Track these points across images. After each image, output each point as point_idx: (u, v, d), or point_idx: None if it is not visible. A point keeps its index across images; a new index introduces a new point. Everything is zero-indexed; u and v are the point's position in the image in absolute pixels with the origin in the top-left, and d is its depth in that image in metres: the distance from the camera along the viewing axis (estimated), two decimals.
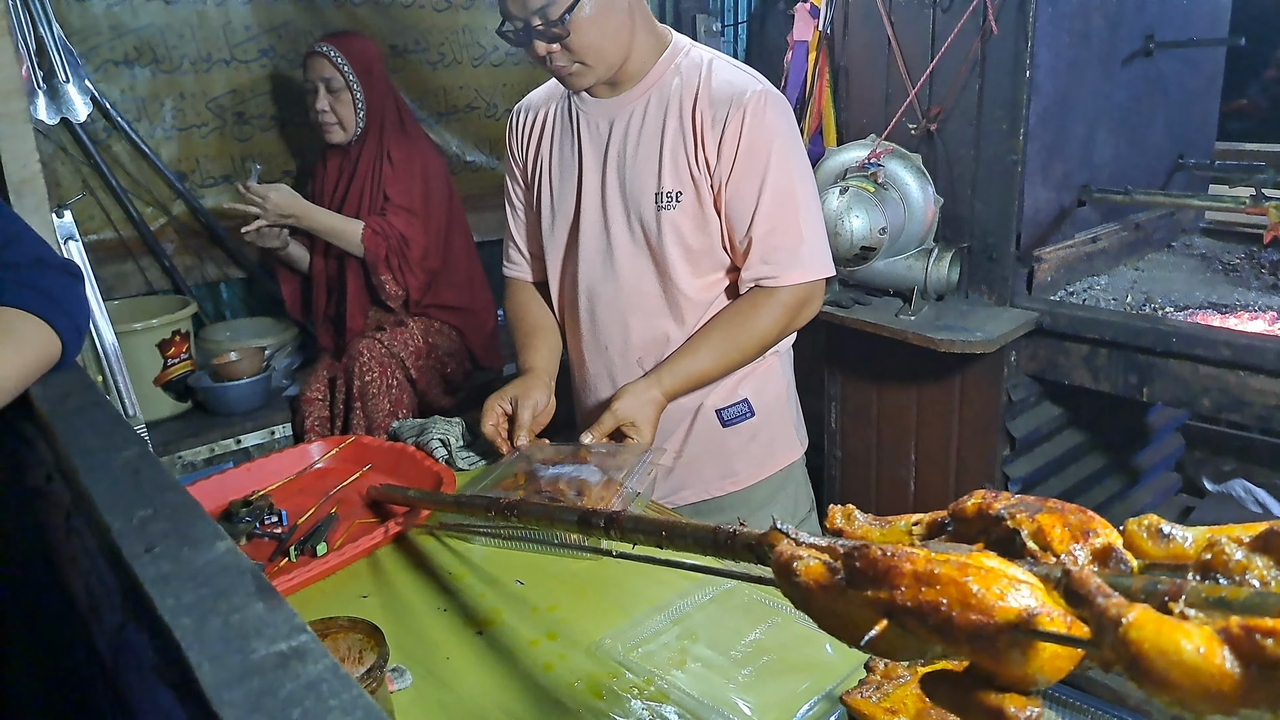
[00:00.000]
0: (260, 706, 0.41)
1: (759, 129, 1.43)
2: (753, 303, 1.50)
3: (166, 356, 2.44)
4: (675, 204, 1.48)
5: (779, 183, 1.44)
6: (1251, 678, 0.37)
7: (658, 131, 1.48)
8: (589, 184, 1.55)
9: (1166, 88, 2.58)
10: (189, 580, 0.52)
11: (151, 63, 2.65)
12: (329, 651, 0.45)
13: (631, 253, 1.53)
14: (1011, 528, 0.58)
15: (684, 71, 1.48)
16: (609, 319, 1.59)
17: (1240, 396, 1.81)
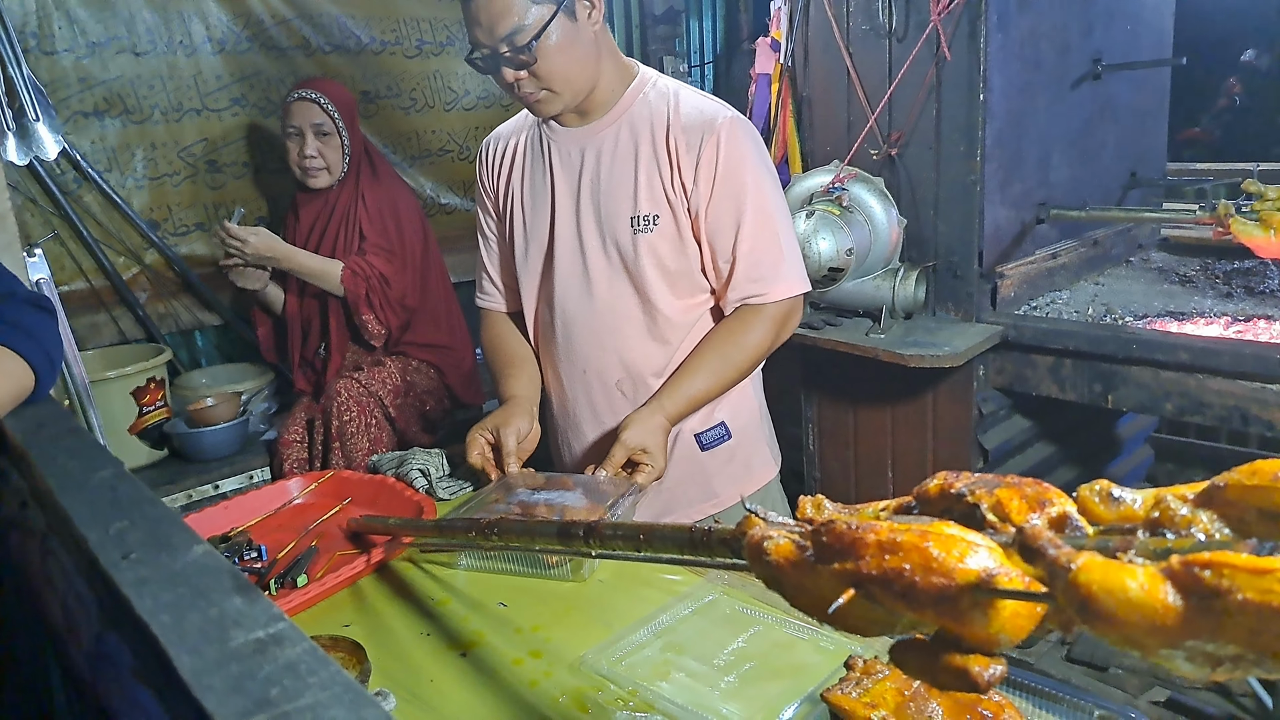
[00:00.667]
0: (240, 688, 0.42)
1: (733, 154, 1.46)
2: (742, 320, 1.52)
3: (141, 404, 2.42)
4: (652, 227, 1.50)
5: (757, 203, 1.48)
6: (1192, 609, 0.39)
7: (631, 157, 1.51)
8: (562, 211, 1.57)
9: (1117, 109, 2.67)
10: (167, 582, 0.52)
11: (122, 113, 2.67)
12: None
13: (609, 277, 1.55)
14: (972, 503, 0.60)
15: (653, 100, 1.52)
16: (587, 344, 1.60)
17: (1200, 399, 1.85)
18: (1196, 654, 0.40)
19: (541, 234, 1.60)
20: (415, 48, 3.34)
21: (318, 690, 0.42)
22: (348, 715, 0.40)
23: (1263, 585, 0.37)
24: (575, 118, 1.55)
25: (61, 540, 0.68)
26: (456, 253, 3.35)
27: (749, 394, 1.67)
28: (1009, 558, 0.53)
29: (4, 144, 2.22)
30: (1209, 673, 0.41)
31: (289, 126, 2.45)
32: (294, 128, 2.44)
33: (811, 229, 2.05)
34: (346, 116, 2.46)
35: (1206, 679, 0.41)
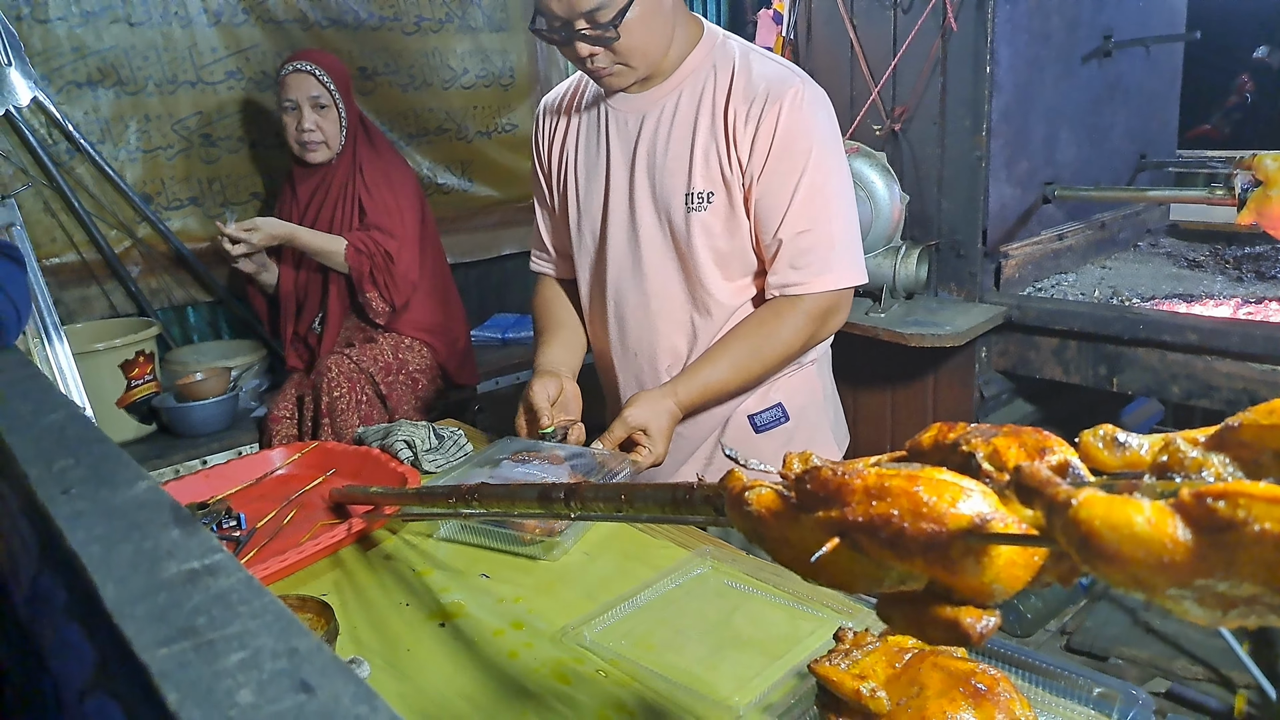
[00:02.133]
0: (163, 617, 0.39)
1: (795, 125, 1.34)
2: (776, 311, 1.42)
3: (130, 378, 2.39)
4: (706, 205, 1.40)
5: (814, 181, 1.36)
6: (1203, 544, 0.36)
7: (689, 129, 1.41)
8: (616, 184, 1.48)
9: (1127, 88, 2.62)
10: (104, 516, 0.49)
11: (116, 84, 2.63)
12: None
13: (660, 255, 1.46)
14: (967, 452, 0.57)
15: (718, 63, 1.41)
16: (638, 324, 1.52)
17: (1208, 381, 1.81)
18: (1208, 595, 0.37)
19: (595, 207, 1.52)
20: (414, 24, 3.29)
21: (248, 619, 0.38)
22: (276, 644, 0.37)
23: None
24: (636, 84, 1.45)
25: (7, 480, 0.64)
26: (454, 234, 3.31)
27: (810, 374, 1.57)
28: (1005, 505, 0.50)
29: None
30: (1220, 616, 0.38)
31: (285, 100, 2.42)
32: (290, 101, 2.40)
33: None
34: (343, 88, 2.43)
35: (1218, 623, 0.38)
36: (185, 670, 0.35)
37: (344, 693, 0.33)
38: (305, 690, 0.33)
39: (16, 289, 0.92)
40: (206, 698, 0.33)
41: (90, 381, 2.24)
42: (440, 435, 1.63)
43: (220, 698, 0.33)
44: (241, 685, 0.34)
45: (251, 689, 0.34)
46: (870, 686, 0.80)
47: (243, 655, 0.36)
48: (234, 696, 0.33)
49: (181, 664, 0.35)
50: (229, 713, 0.32)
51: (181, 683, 0.34)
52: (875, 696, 0.79)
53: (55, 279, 2.53)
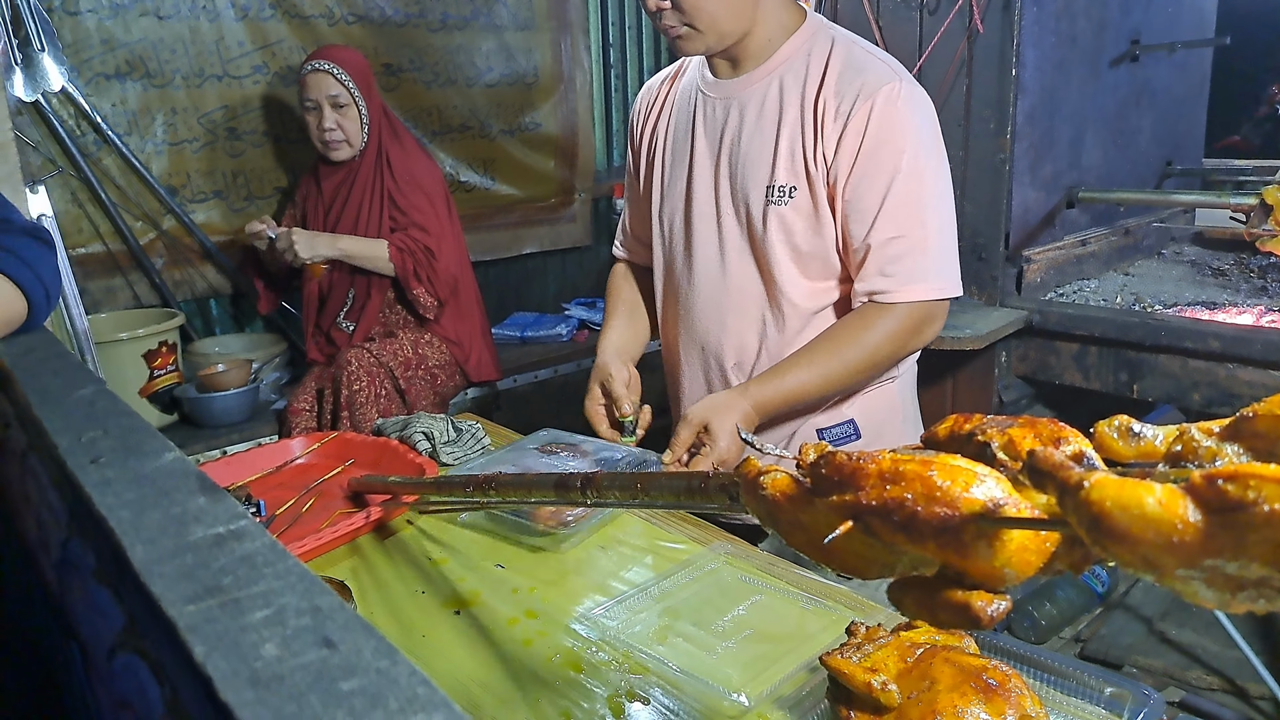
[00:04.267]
0: (191, 576, 0.40)
1: (889, 124, 1.28)
2: (864, 318, 1.34)
3: (152, 368, 2.43)
4: (787, 199, 1.34)
5: (907, 186, 1.29)
6: (1213, 524, 0.36)
7: (776, 119, 1.35)
8: (700, 171, 1.44)
9: (1154, 93, 2.60)
10: (131, 483, 0.50)
11: (144, 77, 2.67)
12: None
13: (738, 248, 1.41)
14: (983, 442, 0.57)
15: (814, 53, 1.34)
16: (707, 319, 1.47)
17: (1230, 389, 1.79)
18: (1217, 576, 0.37)
19: (678, 194, 1.48)
20: (439, 21, 3.31)
21: (272, 579, 0.40)
22: (300, 601, 0.38)
23: None
24: (727, 67, 1.41)
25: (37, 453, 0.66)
26: (475, 232, 3.33)
27: (891, 392, 1.49)
28: (1019, 491, 0.50)
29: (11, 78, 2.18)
30: (1229, 599, 0.38)
31: (306, 100, 2.45)
32: (311, 101, 2.44)
33: None
34: (363, 85, 2.45)
35: (1227, 606, 0.38)
36: (212, 625, 0.36)
37: (365, 647, 0.34)
38: (328, 645, 0.34)
39: (47, 271, 0.94)
40: (233, 650, 0.34)
41: (113, 370, 2.28)
42: (458, 428, 1.64)
43: (246, 650, 0.34)
44: (266, 640, 0.35)
45: (276, 643, 0.35)
46: (881, 680, 0.80)
47: (267, 612, 0.37)
48: (259, 650, 0.34)
49: (208, 619, 0.36)
50: (254, 664, 0.33)
51: (208, 636, 0.35)
52: (886, 690, 0.80)
53: (81, 269, 2.57)
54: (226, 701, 0.31)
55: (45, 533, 0.64)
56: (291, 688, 0.32)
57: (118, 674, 0.45)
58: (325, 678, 0.33)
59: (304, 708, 0.31)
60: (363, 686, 0.32)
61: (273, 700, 0.31)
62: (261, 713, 0.31)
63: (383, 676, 0.33)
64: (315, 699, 0.31)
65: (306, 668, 0.33)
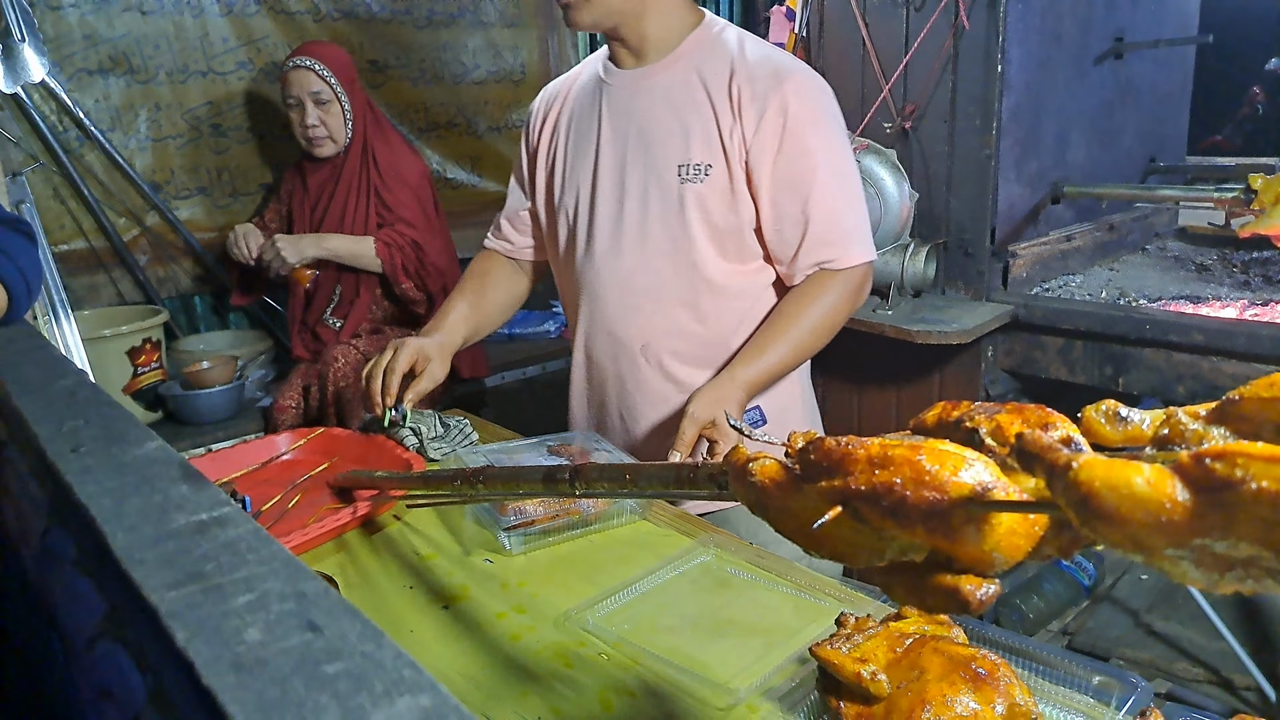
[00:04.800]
0: (172, 563, 0.40)
1: (806, 108, 1.36)
2: (819, 286, 1.41)
3: (136, 365, 2.40)
4: (703, 177, 1.39)
5: (832, 164, 1.38)
6: (1202, 503, 0.36)
7: (687, 101, 1.40)
8: (606, 159, 1.48)
9: (1138, 91, 2.62)
10: (113, 471, 0.50)
11: (127, 72, 2.64)
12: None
13: (651, 230, 1.45)
14: (971, 428, 0.57)
15: (717, 46, 1.42)
16: (617, 304, 1.49)
17: (1214, 382, 1.81)
18: (1206, 556, 0.37)
19: (583, 183, 1.51)
20: (426, 18, 3.30)
21: (255, 565, 0.39)
22: (284, 587, 0.37)
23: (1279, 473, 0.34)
24: (631, 58, 1.47)
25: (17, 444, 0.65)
26: (462, 229, 3.31)
27: (792, 378, 1.56)
28: (1007, 475, 0.50)
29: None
30: (1217, 579, 0.38)
31: (288, 97, 2.44)
32: (293, 98, 2.42)
33: None
34: (345, 81, 2.43)
35: (1215, 586, 0.38)
36: (193, 611, 0.35)
37: (350, 630, 0.34)
38: (312, 629, 0.34)
39: (28, 262, 0.92)
40: (215, 636, 0.34)
41: (97, 368, 2.25)
42: (446, 424, 1.63)
43: (228, 635, 0.33)
44: (249, 625, 0.34)
45: (259, 628, 0.34)
46: (871, 670, 0.80)
47: (250, 597, 0.36)
48: (242, 635, 0.34)
49: (190, 605, 0.36)
50: (236, 649, 0.33)
51: (190, 622, 0.34)
52: (876, 680, 0.80)
53: (64, 266, 2.54)
54: (209, 686, 0.31)
55: (25, 523, 0.63)
56: (275, 672, 0.32)
57: (98, 663, 0.44)
58: (309, 661, 0.32)
59: (287, 691, 0.30)
60: (347, 670, 0.32)
61: (255, 684, 0.31)
62: (244, 697, 0.30)
63: (368, 660, 0.33)
64: (299, 682, 0.31)
65: (290, 652, 0.33)
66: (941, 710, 0.76)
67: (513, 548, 1.23)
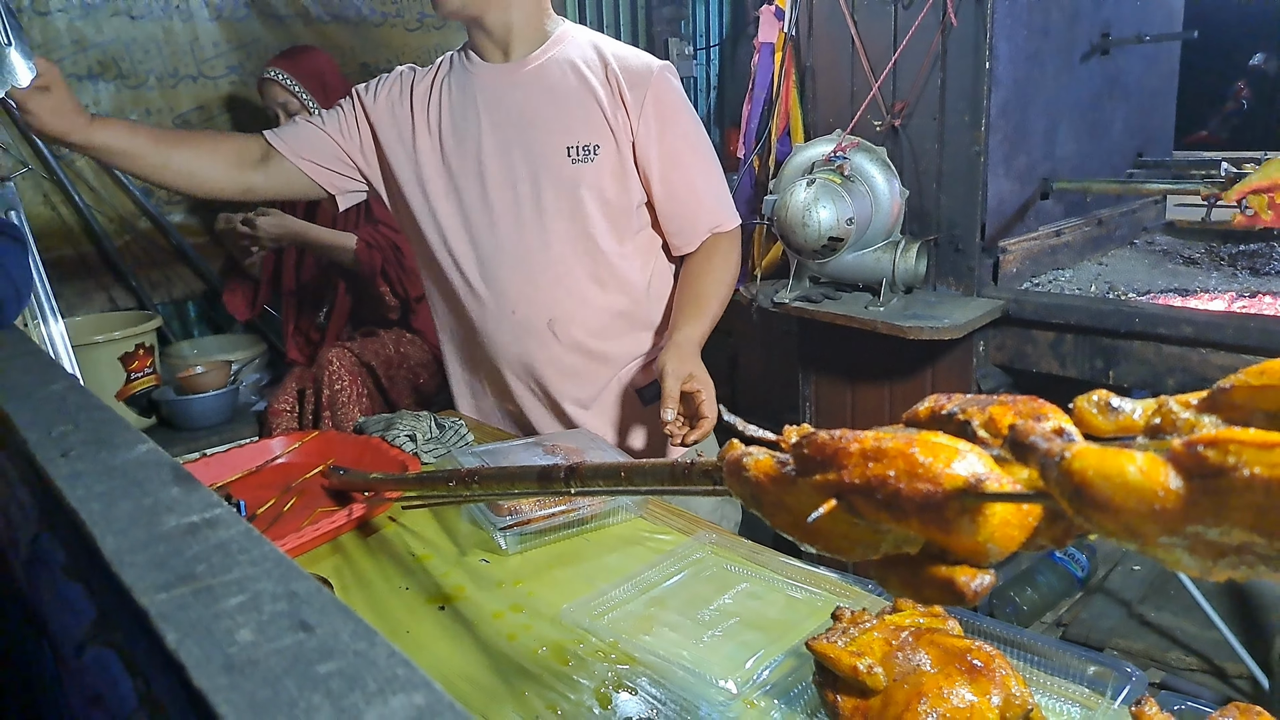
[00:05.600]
0: (163, 565, 0.39)
1: (675, 98, 1.55)
2: (717, 247, 1.61)
3: (129, 370, 2.39)
4: (593, 157, 1.52)
5: (704, 146, 1.59)
6: (1195, 490, 0.36)
7: (565, 90, 1.52)
8: (490, 148, 1.55)
9: (1126, 86, 2.63)
10: (103, 475, 0.49)
11: (116, 77, 2.63)
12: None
13: (547, 211, 1.55)
14: (963, 420, 0.57)
15: (581, 43, 1.56)
16: (519, 283, 1.58)
17: (1204, 374, 1.81)
18: (1199, 543, 0.37)
19: (469, 173, 1.57)
20: (417, 20, 3.30)
21: (247, 566, 0.39)
22: (276, 587, 0.37)
23: (1271, 459, 0.34)
24: (496, 51, 1.55)
25: (6, 450, 0.65)
26: None
27: None
28: (1001, 467, 0.50)
29: None
30: (1211, 566, 0.38)
31: (265, 107, 2.44)
32: (269, 108, 2.43)
33: (812, 197, 2.01)
34: (315, 88, 2.42)
35: (1209, 573, 0.38)
36: (184, 612, 0.35)
37: (343, 629, 0.34)
38: (305, 629, 0.34)
39: (17, 268, 0.92)
40: (206, 637, 0.33)
41: (89, 374, 2.24)
42: (441, 425, 1.63)
43: (220, 637, 0.33)
44: (241, 625, 0.34)
45: (251, 628, 0.34)
46: (867, 663, 0.80)
47: (242, 598, 0.36)
48: (234, 636, 0.33)
49: (181, 606, 0.35)
50: (228, 650, 0.32)
51: (181, 623, 0.34)
52: (872, 673, 0.80)
53: (55, 272, 2.53)
54: (200, 688, 0.30)
55: (14, 530, 0.63)
56: (266, 672, 0.32)
57: (88, 668, 0.44)
58: (301, 661, 0.32)
59: (279, 692, 0.30)
60: (340, 669, 0.32)
61: (247, 685, 0.31)
62: (235, 698, 0.30)
63: (361, 658, 0.32)
64: (291, 683, 0.31)
65: (282, 652, 0.33)
66: (938, 703, 0.76)
67: (509, 547, 1.23)
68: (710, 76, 4.41)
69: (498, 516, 1.23)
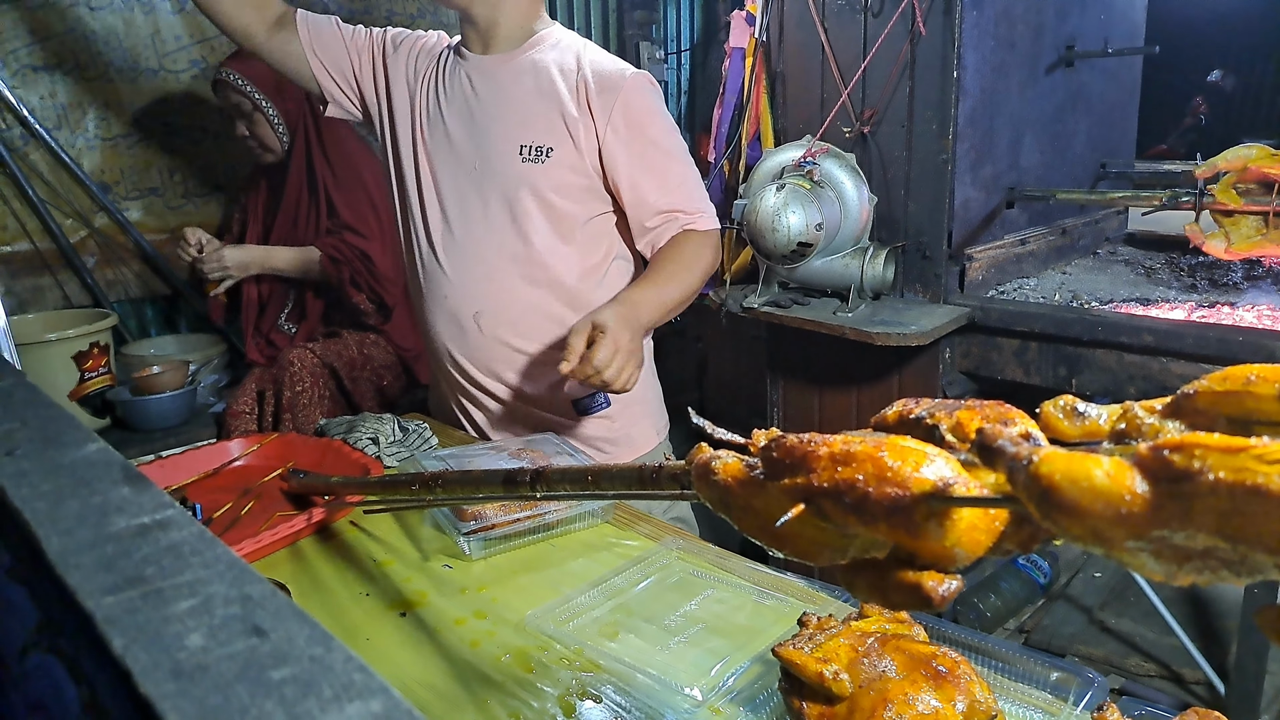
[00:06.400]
0: (111, 567, 0.38)
1: (649, 105, 1.54)
2: (689, 241, 1.57)
3: (83, 370, 2.33)
4: (544, 159, 1.52)
5: (673, 150, 1.57)
6: (1160, 494, 0.36)
7: (533, 90, 1.53)
8: (456, 136, 1.58)
9: (1089, 98, 2.67)
10: (49, 474, 0.48)
11: (74, 69, 2.57)
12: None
13: (490, 206, 1.57)
14: (931, 424, 0.57)
15: (561, 46, 1.57)
16: (453, 270, 1.61)
17: (1164, 382, 1.85)
18: (1164, 547, 0.37)
19: (436, 150, 1.60)
20: (385, 18, 3.26)
21: (199, 569, 0.37)
22: (229, 590, 0.36)
23: (1236, 464, 0.34)
24: (478, 43, 1.57)
25: None
26: None
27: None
28: (968, 471, 0.50)
29: None
30: (1176, 571, 0.38)
31: (220, 106, 2.41)
32: (225, 109, 2.39)
33: (781, 202, 2.02)
34: (270, 90, 2.38)
35: (1174, 578, 0.38)
36: (132, 616, 0.34)
37: (298, 635, 0.33)
38: (258, 634, 0.33)
39: None
40: (154, 642, 0.32)
41: (41, 372, 2.18)
42: (405, 428, 1.61)
43: (169, 641, 0.32)
44: (191, 630, 0.33)
45: (202, 633, 0.33)
46: (834, 669, 0.80)
47: (193, 602, 0.35)
48: (183, 640, 0.32)
49: (128, 610, 0.34)
50: (178, 656, 0.31)
51: (128, 628, 0.33)
52: (838, 679, 0.80)
53: (7, 268, 2.47)
54: (146, 694, 0.29)
55: None
56: (217, 678, 0.30)
57: (30, 675, 0.42)
58: (254, 666, 0.31)
59: (230, 699, 0.29)
60: (295, 675, 0.30)
61: (196, 692, 0.29)
62: (184, 705, 0.29)
63: (316, 664, 0.31)
64: (243, 689, 0.29)
65: (234, 657, 0.32)
66: (903, 709, 0.76)
67: (472, 552, 1.21)
68: (681, 81, 4.42)
69: (461, 522, 1.21)
